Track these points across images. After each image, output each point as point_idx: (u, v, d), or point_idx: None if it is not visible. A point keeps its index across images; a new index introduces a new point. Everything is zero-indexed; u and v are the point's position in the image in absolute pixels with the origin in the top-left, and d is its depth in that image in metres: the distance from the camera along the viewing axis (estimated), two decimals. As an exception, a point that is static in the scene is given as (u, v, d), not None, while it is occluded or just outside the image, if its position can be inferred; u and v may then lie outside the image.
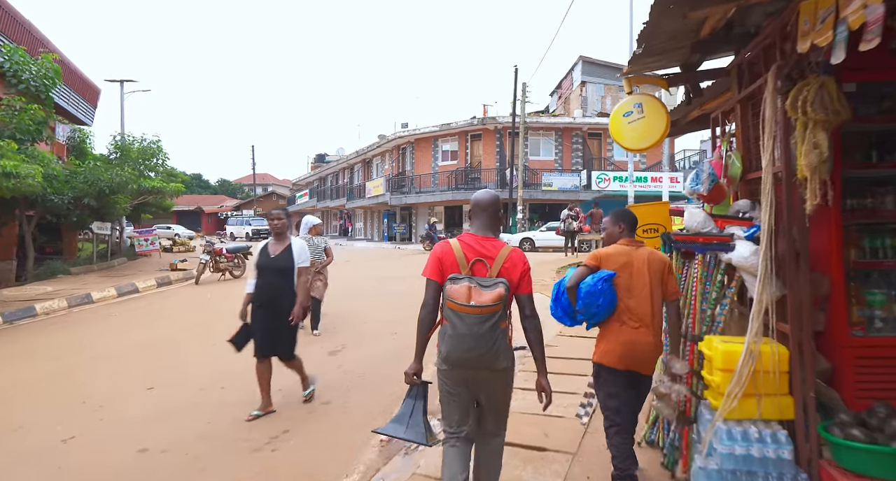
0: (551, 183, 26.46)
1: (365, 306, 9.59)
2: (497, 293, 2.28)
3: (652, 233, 5.99)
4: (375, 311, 9.04)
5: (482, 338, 2.27)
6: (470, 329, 2.27)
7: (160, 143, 15.10)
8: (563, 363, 5.53)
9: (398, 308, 8.96)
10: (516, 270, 2.42)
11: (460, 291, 2.29)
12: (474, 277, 2.35)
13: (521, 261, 2.45)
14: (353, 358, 6.39)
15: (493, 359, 2.32)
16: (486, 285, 2.31)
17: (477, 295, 2.27)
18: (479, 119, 28.33)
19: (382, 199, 31.44)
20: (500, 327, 2.31)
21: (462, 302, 2.28)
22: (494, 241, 2.49)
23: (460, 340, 2.30)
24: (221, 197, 66.13)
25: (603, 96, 29.60)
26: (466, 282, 2.31)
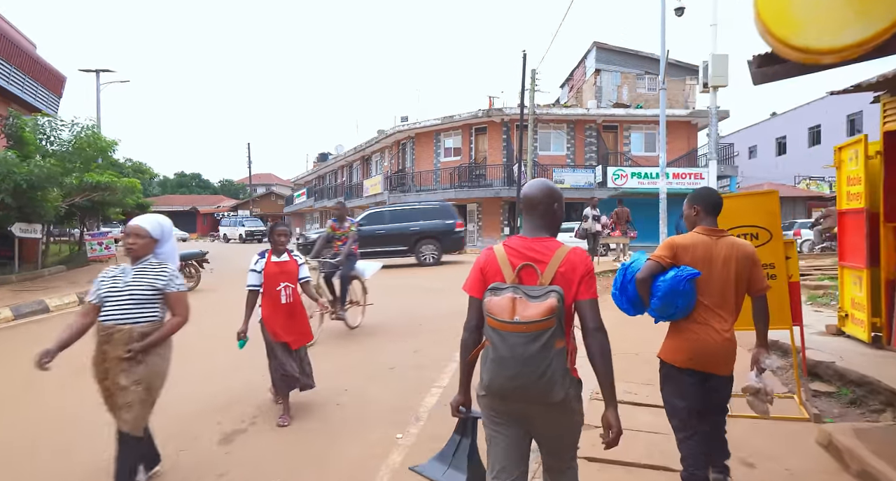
0: (563, 180, 24.35)
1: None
2: (548, 305, 1.77)
3: (753, 242, 3.73)
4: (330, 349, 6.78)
5: (530, 361, 1.77)
6: (513, 350, 1.78)
7: (95, 129, 12.93)
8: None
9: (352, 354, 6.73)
10: (575, 274, 1.89)
11: (501, 305, 1.80)
12: (520, 286, 1.85)
13: (582, 262, 1.92)
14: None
15: (546, 388, 1.80)
16: (534, 295, 1.80)
17: (522, 308, 1.78)
18: (484, 111, 26.17)
19: (380, 198, 29.33)
20: (554, 347, 1.78)
21: (503, 317, 1.79)
22: (548, 242, 1.96)
23: (502, 365, 1.81)
24: (219, 197, 64.49)
25: (619, 85, 27.29)
26: (510, 293, 1.82)
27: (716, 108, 9.29)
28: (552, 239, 2.00)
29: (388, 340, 6.51)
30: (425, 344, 6.29)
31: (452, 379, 4.84)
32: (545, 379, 1.78)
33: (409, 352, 5.89)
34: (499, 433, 1.96)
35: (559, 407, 1.86)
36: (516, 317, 1.78)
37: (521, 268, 1.92)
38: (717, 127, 9.35)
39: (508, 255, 1.96)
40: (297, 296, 4.16)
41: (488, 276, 1.96)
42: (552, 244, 1.96)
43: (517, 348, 1.78)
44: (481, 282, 1.98)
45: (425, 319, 7.78)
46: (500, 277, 1.93)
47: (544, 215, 2.02)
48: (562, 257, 1.91)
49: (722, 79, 9.00)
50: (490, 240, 25.79)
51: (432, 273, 14.57)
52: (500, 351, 1.81)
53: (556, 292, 1.80)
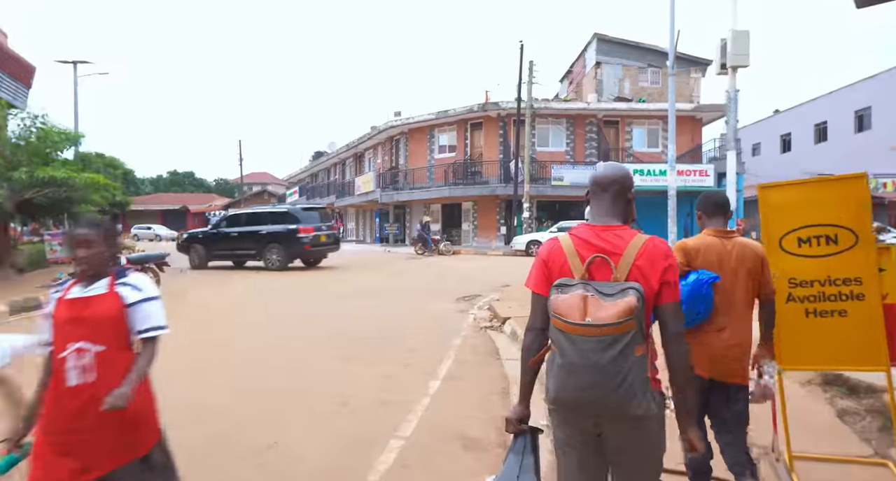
0: (562, 177, 23.31)
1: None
2: (626, 304, 1.54)
3: (829, 247, 2.66)
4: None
5: (605, 370, 1.54)
6: (585, 357, 1.55)
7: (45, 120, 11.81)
8: None
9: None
10: (655, 268, 1.64)
11: (570, 304, 1.58)
12: (592, 283, 1.63)
13: (663, 254, 1.66)
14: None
15: (624, 401, 1.56)
16: (609, 293, 1.58)
17: (595, 308, 1.56)
18: (480, 105, 25.09)
19: (372, 197, 28.31)
20: (633, 355, 1.55)
21: (573, 319, 1.56)
22: (621, 230, 1.72)
23: (572, 373, 1.58)
24: (211, 195, 63.45)
25: (621, 79, 26.22)
26: (580, 290, 1.59)
27: (735, 92, 8.22)
28: (625, 227, 1.76)
29: (353, 359, 5.43)
30: (397, 367, 5.20)
31: (421, 425, 3.75)
32: (622, 389, 1.56)
33: (374, 379, 4.80)
34: (570, 452, 1.76)
35: (638, 424, 1.63)
36: (588, 319, 1.57)
37: (592, 261, 1.69)
38: (736, 114, 8.27)
39: (576, 246, 1.74)
40: (108, 370, 1.98)
41: (553, 270, 1.74)
42: (626, 233, 1.73)
43: (590, 354, 1.56)
44: (545, 276, 1.76)
45: (400, 332, 6.70)
46: (566, 271, 1.71)
47: (615, 200, 1.79)
48: (638, 248, 1.67)
49: (743, 58, 7.93)
50: (485, 241, 24.73)
51: (397, 276, 13.48)
52: (570, 357, 1.59)
53: (634, 289, 1.58)
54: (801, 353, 2.85)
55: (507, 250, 21.36)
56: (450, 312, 8.12)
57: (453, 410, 3.98)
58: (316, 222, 14.96)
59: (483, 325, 7.03)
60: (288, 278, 13.35)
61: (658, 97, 26.11)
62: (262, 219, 15.25)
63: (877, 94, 29.29)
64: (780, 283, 2.86)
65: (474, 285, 10.97)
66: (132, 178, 74.28)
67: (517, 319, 6.75)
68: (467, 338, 6.37)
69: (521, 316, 6.96)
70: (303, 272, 14.83)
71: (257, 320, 7.73)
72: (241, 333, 6.85)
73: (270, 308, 8.80)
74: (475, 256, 20.79)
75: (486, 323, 7.22)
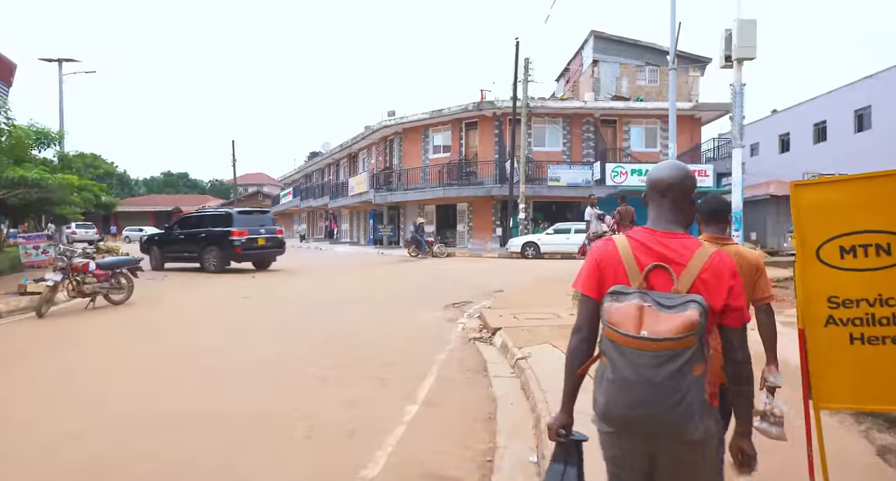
0: (559, 177, 22.84)
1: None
2: (687, 319, 1.43)
3: (881, 258, 2.14)
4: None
5: (660, 388, 1.43)
6: (639, 373, 1.44)
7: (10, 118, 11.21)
8: None
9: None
10: (721, 286, 1.53)
11: (625, 314, 1.47)
12: (650, 292, 1.51)
13: (730, 271, 1.55)
14: None
15: (681, 421, 1.44)
16: (668, 305, 1.47)
17: (653, 320, 1.45)
18: (475, 104, 24.59)
19: (366, 197, 27.76)
20: (691, 373, 1.43)
21: (628, 331, 1.45)
22: (684, 239, 1.61)
23: (624, 389, 1.47)
24: (205, 197, 62.81)
25: (618, 77, 25.75)
26: (637, 300, 1.48)
27: (741, 87, 7.72)
28: (689, 235, 1.62)
29: (325, 375, 4.90)
30: (373, 386, 4.67)
31: (390, 463, 3.23)
32: (680, 409, 1.43)
33: (345, 401, 4.27)
34: (618, 471, 1.63)
35: (695, 446, 1.49)
36: (644, 332, 1.44)
37: (652, 270, 1.56)
38: (742, 109, 7.78)
39: (634, 251, 1.59)
40: None
41: (606, 274, 1.60)
42: (690, 242, 1.59)
43: (644, 370, 1.43)
44: (597, 279, 1.62)
45: (382, 344, 6.17)
46: (622, 278, 1.57)
47: (677, 204, 1.65)
48: (704, 260, 1.55)
49: (750, 50, 7.43)
50: (480, 243, 24.22)
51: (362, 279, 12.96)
52: (622, 371, 1.46)
53: (697, 303, 1.45)
54: (843, 388, 2.34)
55: (502, 252, 20.86)
56: (437, 321, 7.59)
57: (429, 443, 3.46)
58: (253, 225, 15.00)
59: (472, 336, 6.51)
60: (270, 283, 12.81)
61: (656, 96, 25.65)
62: (204, 221, 15.43)
63: (877, 93, 28.89)
64: (816, 303, 2.35)
65: (466, 290, 10.46)
66: (126, 180, 73.91)
67: (508, 330, 6.23)
68: (453, 352, 5.85)
69: (512, 326, 6.44)
70: (287, 277, 14.30)
71: (229, 330, 7.19)
72: (208, 344, 6.32)
73: (245, 315, 8.27)
74: (470, 259, 20.28)
75: (476, 333, 6.70)
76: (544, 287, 10.15)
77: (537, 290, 9.71)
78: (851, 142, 30.19)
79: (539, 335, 5.99)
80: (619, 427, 1.53)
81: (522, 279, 11.90)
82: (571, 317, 7.02)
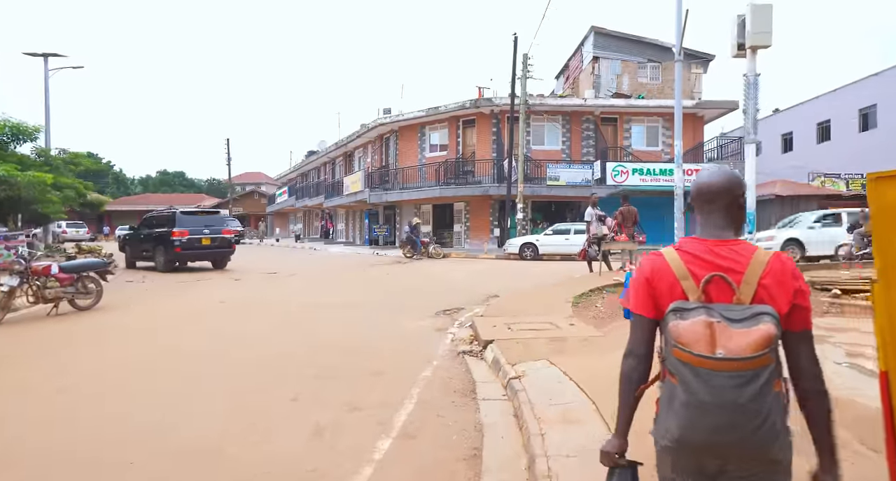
0: (558, 176, 22.27)
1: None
2: (763, 333, 1.33)
3: None
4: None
5: (744, 410, 1.32)
6: (718, 395, 1.33)
7: None
8: None
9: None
10: (785, 289, 1.44)
11: (695, 332, 1.36)
12: (714, 306, 1.41)
13: (791, 273, 1.46)
14: None
15: (766, 443, 1.36)
16: (737, 319, 1.36)
17: (725, 337, 1.34)
18: (472, 102, 24.00)
19: (361, 197, 27.18)
20: (772, 391, 1.36)
21: (700, 350, 1.35)
22: (739, 245, 1.51)
23: (703, 413, 1.36)
24: (200, 196, 62.15)
25: (619, 74, 25.16)
26: (703, 316, 1.38)
27: (755, 77, 7.14)
28: (741, 241, 1.55)
29: (292, 399, 4.32)
30: (343, 413, 4.08)
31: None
32: (764, 431, 1.35)
33: (307, 434, 3.68)
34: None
35: (774, 467, 1.41)
36: (719, 351, 1.33)
37: (709, 282, 1.47)
38: (756, 101, 7.18)
39: (686, 263, 1.51)
40: None
41: (660, 291, 1.52)
42: (745, 247, 1.51)
43: (726, 392, 1.33)
44: (650, 296, 1.54)
45: (362, 358, 5.58)
46: (678, 293, 1.49)
47: (728, 210, 1.56)
48: (763, 265, 1.46)
49: (765, 37, 6.84)
50: (478, 243, 23.63)
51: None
52: (699, 394, 1.36)
53: (769, 315, 1.36)
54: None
55: (499, 253, 20.28)
56: (425, 331, 6.99)
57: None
58: (197, 226, 15.15)
59: (461, 349, 5.91)
60: (253, 287, 12.23)
61: (658, 93, 25.08)
62: (158, 221, 15.73)
63: (882, 92, 28.30)
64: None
65: (459, 295, 9.87)
66: (122, 178, 73.32)
67: (500, 343, 5.64)
68: (440, 369, 5.25)
69: (505, 338, 5.85)
70: (273, 280, 13.70)
71: (197, 340, 6.60)
72: (169, 358, 5.72)
73: (218, 323, 7.67)
74: (466, 260, 19.69)
75: (466, 345, 6.10)
76: (542, 292, 9.56)
77: (534, 296, 9.11)
78: (856, 142, 29.64)
79: (535, 349, 5.40)
80: (697, 452, 1.42)
81: (519, 282, 11.31)
82: (571, 326, 6.43)
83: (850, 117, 30.64)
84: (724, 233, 1.53)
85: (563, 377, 4.59)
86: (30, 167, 12.55)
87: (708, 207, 1.56)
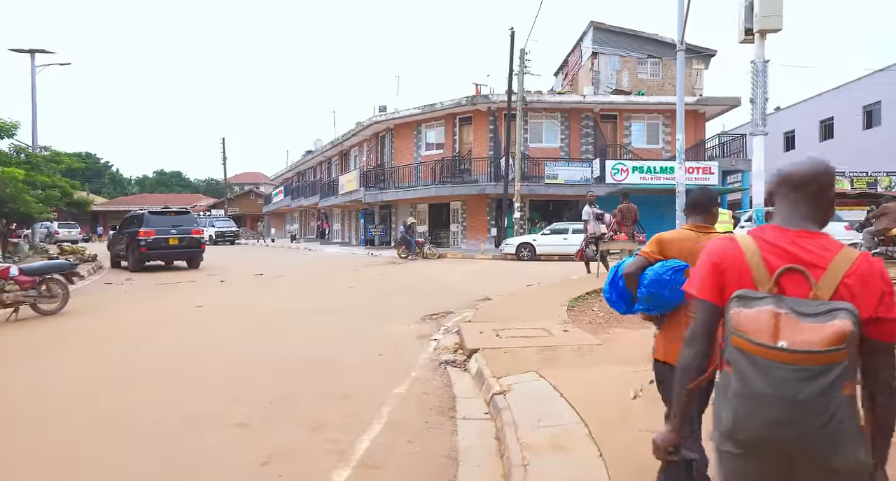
0: (556, 175, 21.74)
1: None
2: (838, 329, 1.24)
3: None
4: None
5: (806, 407, 1.24)
6: (777, 388, 1.26)
7: None
8: None
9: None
10: (870, 291, 1.33)
11: (758, 321, 1.30)
12: (785, 298, 1.32)
13: (879, 275, 1.36)
14: None
15: (828, 446, 1.25)
16: (810, 313, 1.28)
17: (792, 330, 1.26)
18: (468, 99, 23.48)
19: (356, 196, 26.68)
20: (840, 392, 1.25)
21: (762, 340, 1.28)
22: (823, 239, 1.42)
23: (759, 405, 1.28)
24: (197, 196, 61.72)
25: (619, 71, 24.67)
26: (771, 306, 1.30)
27: (764, 63, 6.63)
28: (827, 235, 1.44)
29: (241, 422, 3.81)
30: (299, 436, 3.57)
31: None
32: (828, 430, 1.24)
33: (254, 464, 3.17)
34: None
35: (840, 478, 1.28)
36: (781, 343, 1.27)
37: (784, 273, 1.38)
38: (765, 90, 6.67)
39: (763, 251, 1.42)
40: None
41: (729, 277, 1.45)
42: (829, 242, 1.41)
43: (784, 385, 1.25)
44: (716, 282, 1.46)
45: (332, 369, 5.07)
46: (747, 281, 1.41)
47: (815, 200, 1.45)
48: (849, 263, 1.36)
49: (775, 20, 6.34)
50: (474, 243, 23.12)
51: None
52: (756, 385, 1.29)
53: (847, 311, 1.26)
54: None
55: (496, 254, 19.77)
56: (408, 337, 6.48)
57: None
58: (164, 226, 15.35)
59: (444, 358, 5.40)
60: (240, 289, 11.73)
61: (658, 90, 24.57)
62: (132, 222, 15.92)
63: (888, 88, 27.78)
64: None
65: (450, 298, 9.36)
66: (119, 178, 72.88)
67: (486, 353, 5.13)
68: (418, 381, 4.74)
69: (492, 347, 5.34)
70: (262, 283, 13.21)
71: (161, 351, 6.10)
72: (122, 371, 5.21)
73: (191, 330, 7.17)
74: (461, 260, 19.18)
75: (450, 353, 5.60)
76: (536, 295, 9.05)
77: (528, 299, 8.60)
78: (860, 140, 29.14)
79: (523, 360, 4.89)
80: (750, 448, 1.32)
81: (514, 284, 10.81)
82: (564, 333, 5.92)
83: (854, 114, 30.13)
84: (808, 224, 1.42)
85: (553, 393, 4.09)
86: (5, 165, 12.06)
87: (793, 196, 1.45)
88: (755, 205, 7.24)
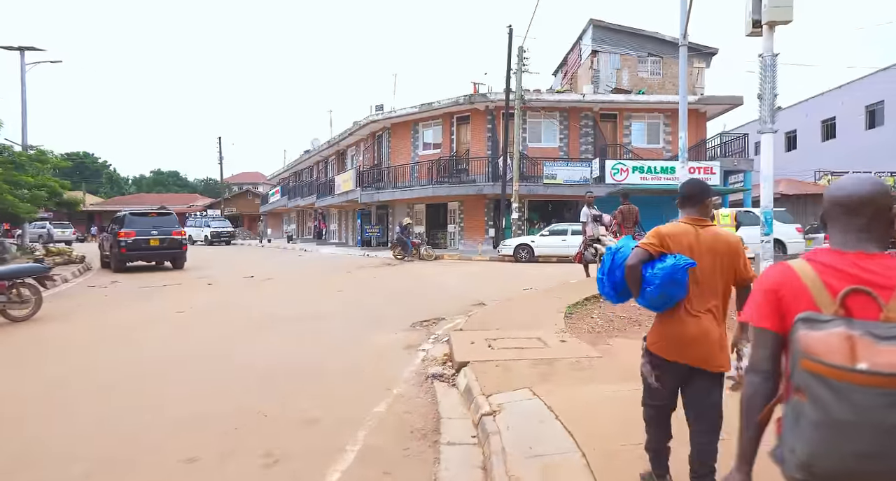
0: (555, 175, 21.35)
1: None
2: None
3: None
4: None
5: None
6: (863, 415, 1.16)
7: None
8: None
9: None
10: None
11: (829, 343, 1.22)
12: (856, 321, 1.24)
13: None
14: None
15: None
16: (886, 336, 1.19)
17: (870, 351, 1.17)
18: (466, 97, 23.09)
19: (353, 196, 26.28)
20: None
21: (838, 361, 1.19)
22: (884, 259, 1.38)
23: (842, 435, 1.18)
24: (194, 196, 61.29)
25: (619, 69, 24.29)
26: (843, 328, 1.22)
27: (772, 57, 6.25)
28: (889, 256, 1.40)
29: (194, 454, 3.42)
30: (251, 473, 3.18)
31: None
32: None
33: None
34: None
35: None
36: (861, 365, 1.17)
37: (849, 295, 1.31)
38: (774, 85, 6.27)
39: (822, 275, 1.37)
40: None
41: (787, 303, 1.38)
42: (894, 262, 1.36)
43: (871, 412, 1.16)
44: (776, 309, 1.40)
45: (304, 385, 4.68)
46: (808, 305, 1.34)
47: (873, 223, 1.40)
48: None
49: (785, 11, 5.96)
50: (472, 244, 22.73)
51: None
52: (836, 412, 1.19)
53: None
54: None
55: (493, 255, 19.39)
56: (395, 347, 6.08)
57: None
58: (145, 227, 15.27)
59: (431, 372, 5.01)
60: (228, 292, 11.34)
61: (658, 89, 24.20)
62: (116, 223, 15.85)
63: (890, 88, 27.40)
64: None
65: (444, 302, 8.98)
66: (116, 178, 72.43)
67: (477, 366, 4.74)
68: (400, 399, 4.34)
69: (483, 359, 4.95)
70: (252, 286, 12.81)
71: (127, 361, 5.70)
72: (80, 385, 4.82)
73: (166, 338, 6.77)
74: (458, 262, 18.79)
75: (438, 366, 5.21)
76: (533, 300, 8.65)
77: (524, 304, 8.21)
78: (862, 139, 28.78)
79: (517, 374, 4.50)
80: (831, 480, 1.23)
81: (510, 287, 10.42)
82: (561, 343, 5.53)
83: (857, 114, 29.76)
84: (866, 245, 1.37)
85: (548, 414, 3.70)
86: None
87: (846, 220, 1.41)
88: (763, 207, 6.84)
